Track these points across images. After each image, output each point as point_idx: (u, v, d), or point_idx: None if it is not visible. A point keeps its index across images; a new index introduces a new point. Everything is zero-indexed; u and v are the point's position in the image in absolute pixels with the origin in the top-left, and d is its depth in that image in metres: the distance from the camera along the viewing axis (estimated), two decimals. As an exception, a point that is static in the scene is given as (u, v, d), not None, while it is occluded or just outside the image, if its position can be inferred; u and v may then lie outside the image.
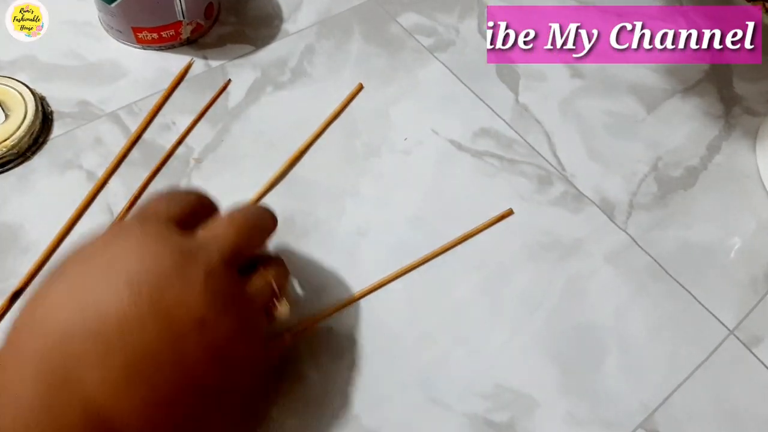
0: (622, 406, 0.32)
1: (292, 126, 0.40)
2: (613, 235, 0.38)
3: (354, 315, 0.33)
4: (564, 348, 0.34)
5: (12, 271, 0.32)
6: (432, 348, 0.33)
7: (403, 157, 0.40)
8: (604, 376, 0.33)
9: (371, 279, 0.34)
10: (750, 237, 0.40)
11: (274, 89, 0.41)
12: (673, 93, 0.46)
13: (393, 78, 0.43)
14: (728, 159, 0.43)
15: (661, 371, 0.34)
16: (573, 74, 0.46)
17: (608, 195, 0.40)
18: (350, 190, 0.38)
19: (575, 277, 0.36)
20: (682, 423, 0.32)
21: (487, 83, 0.44)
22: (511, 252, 0.37)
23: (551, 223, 0.38)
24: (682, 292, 0.37)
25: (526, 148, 0.41)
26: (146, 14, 0.40)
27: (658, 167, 0.42)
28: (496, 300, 0.35)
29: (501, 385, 0.32)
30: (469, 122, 0.42)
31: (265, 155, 0.38)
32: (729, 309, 0.36)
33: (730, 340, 0.35)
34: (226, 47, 0.43)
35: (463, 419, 0.31)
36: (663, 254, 0.38)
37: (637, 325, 0.35)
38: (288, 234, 0.35)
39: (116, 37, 0.42)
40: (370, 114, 0.41)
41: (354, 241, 0.36)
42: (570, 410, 0.32)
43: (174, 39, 0.42)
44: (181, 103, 0.39)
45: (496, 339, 0.33)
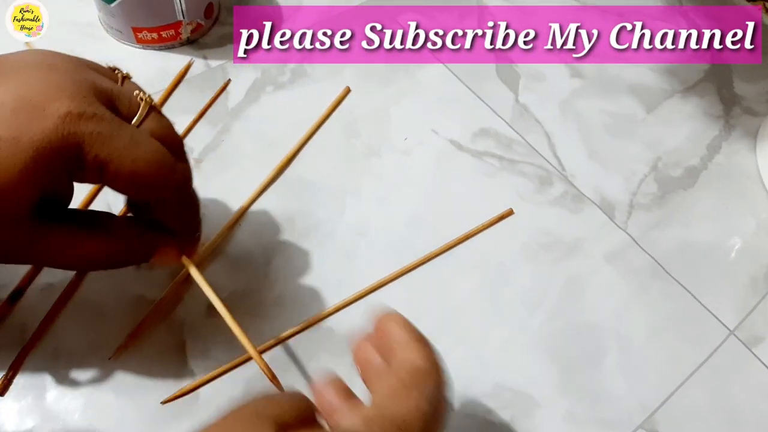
0: (622, 406, 0.32)
1: (292, 126, 0.40)
2: (613, 235, 0.38)
3: (354, 315, 0.33)
4: (564, 348, 0.34)
5: (12, 271, 0.32)
6: (432, 348, 0.33)
7: (403, 157, 0.40)
8: (604, 376, 0.33)
9: (371, 279, 0.34)
10: (750, 237, 0.40)
11: (274, 89, 0.41)
12: (673, 93, 0.46)
13: (393, 78, 0.43)
14: (728, 159, 0.43)
15: (661, 371, 0.34)
16: (573, 74, 0.46)
17: (608, 195, 0.40)
18: (350, 190, 0.38)
19: (575, 277, 0.36)
20: (682, 423, 0.32)
21: (487, 83, 0.44)
22: (511, 252, 0.37)
23: (551, 223, 0.38)
24: (682, 292, 0.37)
25: (526, 148, 0.41)
26: (146, 14, 0.40)
27: (658, 167, 0.42)
28: (496, 300, 0.35)
29: (501, 384, 0.32)
30: (469, 122, 0.42)
31: (265, 155, 0.38)
32: (729, 309, 0.36)
33: (731, 340, 0.35)
34: (226, 47, 0.43)
35: (462, 419, 0.31)
36: (663, 254, 0.38)
37: (637, 325, 0.35)
38: (288, 234, 0.35)
39: (116, 37, 0.42)
40: (370, 114, 0.41)
41: (354, 241, 0.36)
42: (570, 410, 0.32)
43: (174, 39, 0.42)
44: (181, 103, 0.39)
45: (496, 339, 0.33)
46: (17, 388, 0.29)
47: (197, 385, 0.30)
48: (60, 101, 0.20)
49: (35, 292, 0.31)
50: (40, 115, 0.20)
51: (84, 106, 0.21)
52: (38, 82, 0.21)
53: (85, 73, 0.22)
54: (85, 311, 0.31)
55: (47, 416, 0.28)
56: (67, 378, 0.29)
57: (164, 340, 0.31)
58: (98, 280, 0.32)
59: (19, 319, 0.30)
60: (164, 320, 0.31)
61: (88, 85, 0.22)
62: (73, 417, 0.28)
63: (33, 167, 0.20)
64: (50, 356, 0.30)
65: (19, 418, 0.28)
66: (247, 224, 0.35)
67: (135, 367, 0.30)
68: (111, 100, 0.23)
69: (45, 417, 0.28)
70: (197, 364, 0.30)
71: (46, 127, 0.20)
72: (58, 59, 0.23)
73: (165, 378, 0.30)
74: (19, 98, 0.20)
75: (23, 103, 0.20)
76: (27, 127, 0.20)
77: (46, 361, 0.29)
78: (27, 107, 0.20)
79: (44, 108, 0.20)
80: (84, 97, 0.21)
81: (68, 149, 0.21)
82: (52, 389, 0.29)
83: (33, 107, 0.20)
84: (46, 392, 0.29)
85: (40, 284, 0.31)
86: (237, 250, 0.34)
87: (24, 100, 0.20)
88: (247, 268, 0.34)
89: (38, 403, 0.28)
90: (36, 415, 0.28)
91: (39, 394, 0.29)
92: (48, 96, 0.20)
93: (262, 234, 0.35)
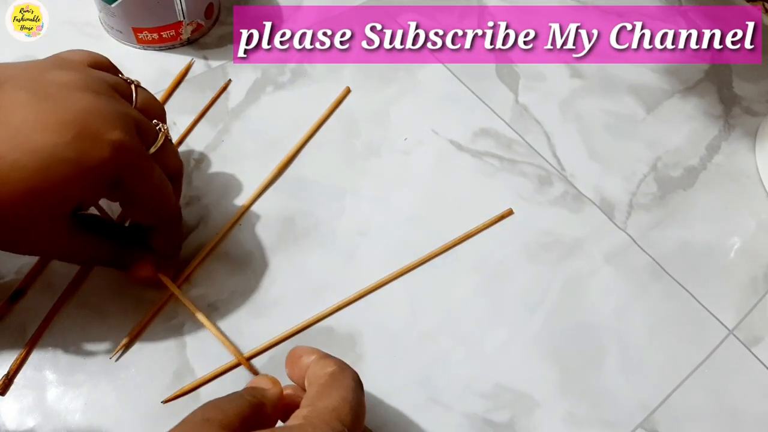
0: (622, 406, 0.32)
1: (293, 126, 0.40)
2: (612, 235, 0.38)
3: (354, 315, 0.33)
4: (564, 348, 0.34)
5: (12, 270, 0.32)
6: (432, 348, 0.33)
7: (403, 157, 0.40)
8: (603, 375, 0.33)
9: (371, 279, 0.34)
10: (749, 237, 0.40)
11: (275, 89, 0.41)
12: (672, 93, 0.46)
13: (393, 78, 0.43)
14: (728, 159, 0.43)
15: (660, 371, 0.34)
16: (573, 74, 0.46)
17: (608, 195, 0.40)
18: (350, 190, 0.38)
19: (575, 277, 0.36)
20: (682, 422, 0.32)
21: (487, 83, 0.44)
22: (511, 252, 0.37)
23: (551, 223, 0.38)
24: (681, 292, 0.37)
25: (526, 148, 0.41)
26: (146, 14, 0.40)
27: (657, 167, 0.42)
28: (496, 300, 0.35)
29: (501, 384, 0.32)
30: (469, 122, 0.42)
31: (265, 155, 0.38)
32: (728, 309, 0.36)
33: (730, 340, 0.35)
34: (226, 47, 0.43)
35: (462, 419, 0.31)
36: (662, 254, 0.38)
37: (636, 324, 0.35)
38: (288, 234, 0.35)
39: (116, 37, 0.42)
40: (370, 114, 0.41)
41: (354, 241, 0.36)
42: (570, 410, 0.32)
43: (174, 39, 0.42)
44: (181, 103, 0.40)
45: (496, 339, 0.33)
46: (18, 387, 0.29)
47: (197, 385, 0.30)
48: (112, 132, 0.24)
49: (35, 292, 0.31)
50: (98, 142, 0.24)
51: (130, 139, 0.25)
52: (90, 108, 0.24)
53: (120, 104, 0.26)
54: (85, 311, 0.31)
55: (48, 416, 0.28)
56: (68, 378, 0.29)
57: (164, 340, 0.31)
58: (98, 280, 0.32)
59: (19, 319, 0.30)
60: (164, 320, 0.31)
61: (130, 119, 0.26)
62: (73, 417, 0.28)
63: (86, 185, 0.24)
64: (50, 356, 0.30)
65: (20, 417, 0.28)
66: (247, 224, 0.35)
67: (135, 367, 0.30)
68: (140, 131, 0.26)
69: (45, 416, 0.28)
70: (197, 364, 0.30)
71: (102, 155, 0.24)
72: (91, 80, 0.26)
73: (165, 378, 0.30)
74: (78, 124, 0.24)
75: (84, 130, 0.24)
76: (88, 152, 0.24)
77: (46, 360, 0.30)
78: (88, 134, 0.24)
79: (102, 136, 0.24)
80: (130, 130, 0.25)
81: (113, 175, 0.25)
82: (52, 389, 0.29)
83: (93, 135, 0.24)
84: (46, 392, 0.29)
85: (41, 284, 0.32)
86: (237, 250, 0.34)
87: (84, 126, 0.24)
88: (247, 268, 0.34)
89: (39, 403, 0.28)
90: (37, 415, 0.28)
91: (39, 394, 0.29)
92: (103, 126, 0.24)
93: (262, 234, 0.35)
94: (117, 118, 0.25)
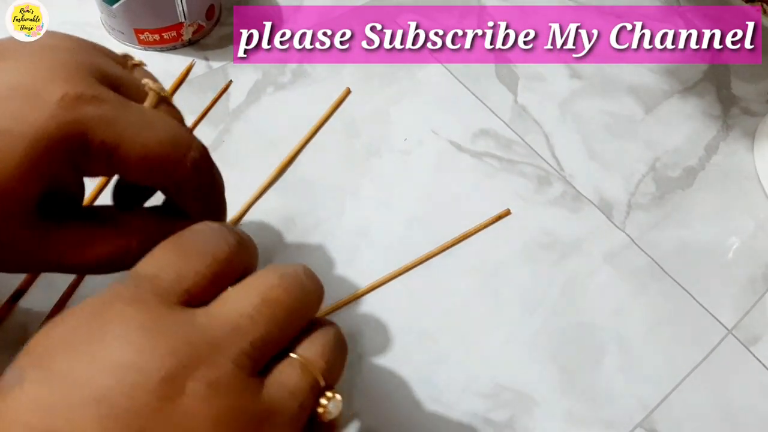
0: (621, 406, 0.32)
1: (293, 126, 0.40)
2: (611, 235, 0.38)
3: (354, 314, 0.33)
4: (563, 347, 0.34)
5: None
6: (432, 347, 0.33)
7: (403, 157, 0.40)
8: (603, 375, 0.33)
9: (371, 278, 0.34)
10: (748, 237, 0.40)
11: (275, 90, 0.42)
12: (671, 93, 0.46)
13: (393, 78, 0.44)
14: (726, 159, 0.43)
15: (659, 370, 0.34)
16: (572, 75, 0.46)
17: (607, 195, 0.40)
18: (350, 190, 0.38)
19: (574, 277, 0.36)
20: (681, 422, 0.32)
21: (486, 84, 0.44)
22: (510, 252, 0.37)
23: (550, 223, 0.38)
24: (680, 292, 0.37)
25: (525, 149, 0.41)
26: (148, 15, 0.40)
27: (656, 167, 0.42)
28: (495, 300, 0.35)
29: (500, 384, 0.32)
30: (469, 123, 0.42)
31: (265, 155, 0.38)
32: (727, 308, 0.36)
33: (729, 340, 0.35)
34: (227, 48, 0.43)
35: (462, 418, 0.31)
36: (661, 254, 0.38)
37: (636, 324, 0.35)
38: (288, 234, 0.35)
39: (118, 38, 0.42)
40: (370, 114, 0.41)
41: (354, 241, 0.36)
42: (569, 410, 0.32)
43: (175, 40, 0.42)
44: (182, 104, 0.39)
45: (496, 338, 0.34)
46: (19, 387, 0.29)
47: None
48: (55, 84, 0.18)
49: (35, 292, 0.31)
50: (34, 101, 0.17)
51: (82, 87, 0.18)
52: (33, 66, 0.18)
53: (88, 55, 0.20)
54: (86, 311, 0.31)
55: (49, 415, 0.28)
56: (69, 377, 0.29)
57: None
58: (99, 280, 0.32)
59: (19, 319, 0.30)
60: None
61: (88, 67, 0.19)
62: (74, 416, 0.28)
63: (30, 161, 0.18)
64: (52, 356, 0.30)
65: (21, 417, 0.28)
66: (247, 224, 0.35)
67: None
68: (116, 87, 0.20)
69: (47, 416, 0.28)
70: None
71: (41, 115, 0.17)
72: (61, 40, 0.20)
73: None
74: (10, 84, 0.18)
75: (14, 90, 0.17)
76: (20, 116, 0.17)
77: (47, 360, 0.30)
78: (19, 94, 0.17)
79: (38, 93, 0.18)
80: (82, 79, 0.19)
81: (69, 138, 0.18)
82: (53, 388, 0.29)
83: (25, 93, 0.17)
84: (48, 391, 0.29)
85: (41, 284, 0.32)
86: (238, 250, 0.34)
87: (15, 86, 0.18)
88: (248, 268, 0.34)
89: (40, 403, 0.28)
90: (38, 415, 0.28)
91: (41, 394, 0.29)
92: (42, 80, 0.18)
93: (262, 234, 0.35)
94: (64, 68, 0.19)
